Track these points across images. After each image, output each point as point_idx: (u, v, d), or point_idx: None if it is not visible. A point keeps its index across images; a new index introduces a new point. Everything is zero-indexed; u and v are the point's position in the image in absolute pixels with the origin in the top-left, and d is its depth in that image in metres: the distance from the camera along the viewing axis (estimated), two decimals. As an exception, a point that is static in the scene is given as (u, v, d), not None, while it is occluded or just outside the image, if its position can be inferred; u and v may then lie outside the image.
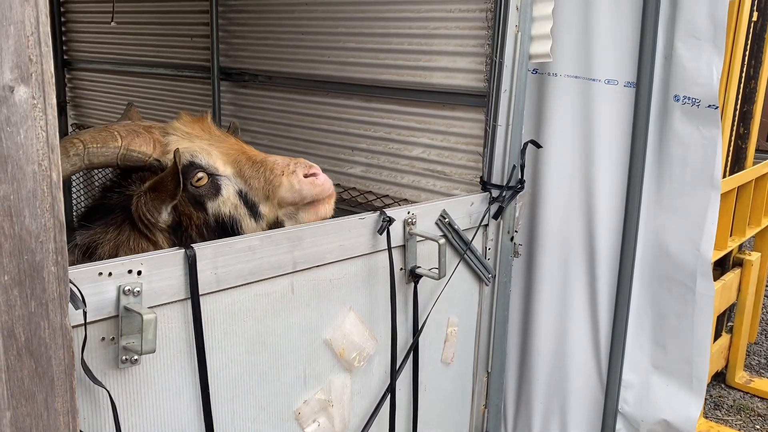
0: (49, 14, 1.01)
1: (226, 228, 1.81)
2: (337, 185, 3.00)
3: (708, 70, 2.21)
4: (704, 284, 2.30)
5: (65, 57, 4.42)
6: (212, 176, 1.81)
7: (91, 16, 4.18)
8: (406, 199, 2.78)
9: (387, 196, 2.85)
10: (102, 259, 1.69)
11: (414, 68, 2.64)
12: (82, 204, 4.18)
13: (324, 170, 3.02)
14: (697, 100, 2.27)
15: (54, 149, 1.05)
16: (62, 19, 4.38)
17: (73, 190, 4.25)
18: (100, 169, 1.83)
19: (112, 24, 2.90)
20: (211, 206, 1.81)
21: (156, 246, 1.75)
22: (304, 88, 3.07)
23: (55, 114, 1.04)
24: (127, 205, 1.74)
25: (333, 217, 1.98)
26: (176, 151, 1.69)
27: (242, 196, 1.84)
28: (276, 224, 1.87)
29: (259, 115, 3.29)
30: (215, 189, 1.81)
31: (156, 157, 1.77)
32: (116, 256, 1.71)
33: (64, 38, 4.40)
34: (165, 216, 1.75)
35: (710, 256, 2.29)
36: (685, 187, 2.30)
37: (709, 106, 2.22)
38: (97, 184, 3.74)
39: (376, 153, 2.86)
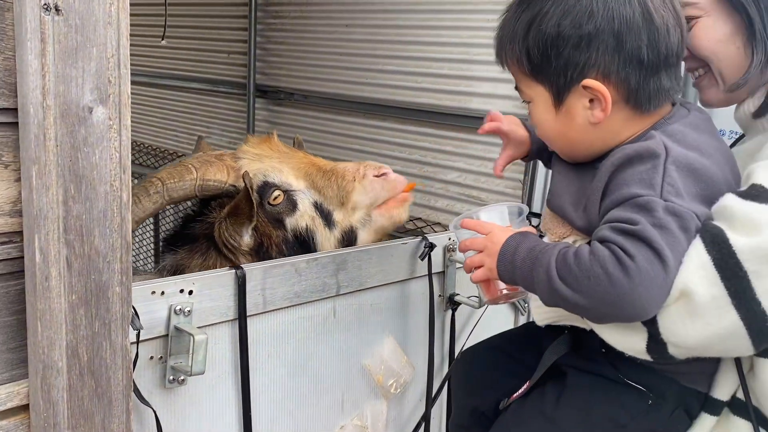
0: (128, 36, 1.02)
1: (304, 242, 1.82)
2: (369, 206, 3.01)
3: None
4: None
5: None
6: (287, 192, 1.84)
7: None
8: (439, 223, 2.77)
9: (419, 218, 2.84)
10: None
11: (453, 93, 2.64)
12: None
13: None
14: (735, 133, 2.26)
15: (126, 170, 1.05)
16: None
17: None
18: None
19: (163, 42, 2.93)
20: (290, 222, 1.83)
21: None
22: (339, 108, 3.08)
23: (129, 135, 1.05)
24: (210, 233, 1.76)
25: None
26: (245, 174, 1.72)
27: (318, 207, 1.85)
28: (350, 232, 1.86)
29: (294, 133, 3.29)
30: (292, 204, 1.83)
31: (231, 183, 1.81)
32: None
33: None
34: (247, 239, 1.77)
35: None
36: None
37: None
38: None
39: (410, 175, 2.86)
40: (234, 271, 1.48)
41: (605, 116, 1.18)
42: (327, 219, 1.85)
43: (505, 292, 1.31)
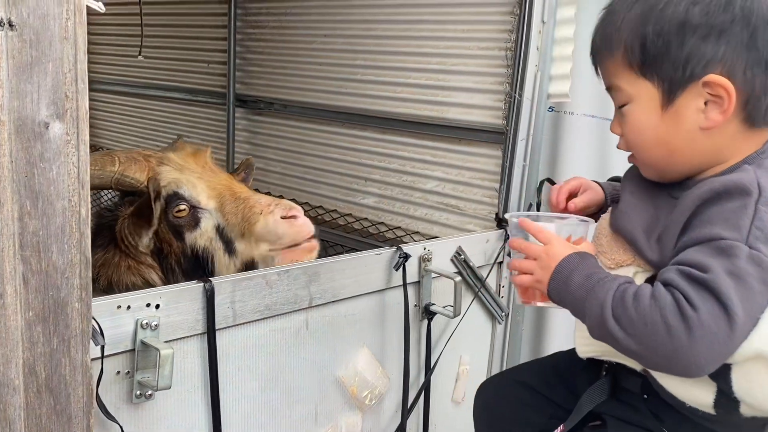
0: (86, 51, 1.02)
1: (200, 261, 1.86)
2: (348, 215, 3.00)
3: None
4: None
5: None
6: (194, 208, 1.86)
7: (108, 38, 4.23)
8: (418, 232, 2.77)
9: (399, 227, 2.84)
10: (98, 282, 1.77)
11: (431, 103, 2.65)
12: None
13: (336, 200, 3.05)
14: None
15: (84, 185, 1.04)
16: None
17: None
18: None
19: (140, 57, 2.92)
20: (189, 237, 1.87)
21: (143, 266, 1.82)
22: (319, 117, 3.08)
23: (87, 150, 1.04)
24: (113, 226, 1.83)
25: (346, 250, 1.99)
26: (150, 179, 1.76)
27: (219, 230, 1.87)
28: (251, 265, 1.87)
29: (273, 143, 3.30)
30: (195, 221, 1.86)
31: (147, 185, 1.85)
32: (105, 274, 1.80)
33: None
34: (146, 241, 1.83)
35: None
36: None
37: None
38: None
39: (389, 185, 2.86)
40: (202, 284, 1.47)
41: (724, 120, 1.06)
42: (228, 245, 1.86)
43: (540, 304, 1.24)
